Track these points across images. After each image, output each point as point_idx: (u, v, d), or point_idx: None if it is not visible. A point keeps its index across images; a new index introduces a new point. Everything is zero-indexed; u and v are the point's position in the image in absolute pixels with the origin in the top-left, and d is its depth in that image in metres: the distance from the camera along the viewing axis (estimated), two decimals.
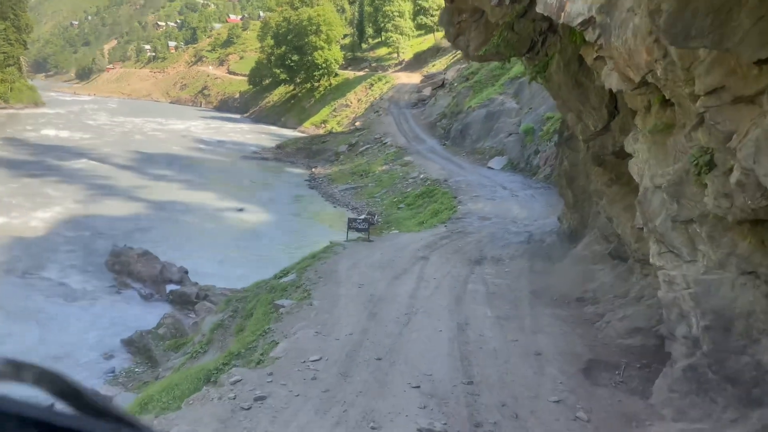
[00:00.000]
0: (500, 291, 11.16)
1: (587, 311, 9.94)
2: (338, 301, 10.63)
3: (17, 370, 0.63)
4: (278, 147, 53.16)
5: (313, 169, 42.69)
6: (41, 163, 38.98)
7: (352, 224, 18.19)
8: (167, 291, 17.48)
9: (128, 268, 18.30)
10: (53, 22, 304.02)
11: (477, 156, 35.63)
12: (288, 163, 47.00)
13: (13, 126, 60.22)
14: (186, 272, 18.19)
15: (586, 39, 7.07)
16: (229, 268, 19.49)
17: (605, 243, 10.65)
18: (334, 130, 59.94)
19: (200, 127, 78.68)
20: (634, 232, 8.79)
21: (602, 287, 10.07)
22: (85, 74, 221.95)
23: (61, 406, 0.61)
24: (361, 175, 36.84)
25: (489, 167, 32.86)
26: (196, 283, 17.29)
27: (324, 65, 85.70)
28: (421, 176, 31.56)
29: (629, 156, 8.01)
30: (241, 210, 29.48)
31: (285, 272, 13.43)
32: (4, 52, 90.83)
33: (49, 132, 57.14)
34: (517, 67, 40.31)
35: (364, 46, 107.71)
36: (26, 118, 71.62)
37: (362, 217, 21.11)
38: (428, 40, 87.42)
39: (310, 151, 48.78)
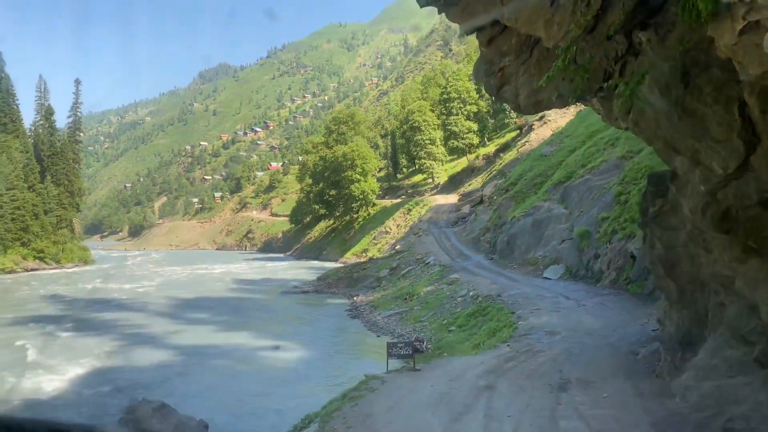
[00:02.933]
0: (608, 427, 8.01)
1: None
2: None
3: None
4: (319, 279, 51.38)
5: (355, 298, 40.32)
6: (75, 317, 37.75)
7: (392, 350, 15.47)
8: None
9: (141, 426, 15.64)
10: (109, 187, 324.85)
11: (529, 267, 32.81)
12: (329, 294, 44.86)
13: (58, 284, 60.54)
14: (206, 427, 15.38)
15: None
16: (259, 417, 16.59)
17: (744, 346, 7.65)
18: (374, 257, 58.17)
19: (242, 268, 78.46)
20: None
21: (758, 409, 6.98)
22: (136, 231, 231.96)
23: None
24: (405, 298, 34.20)
25: (545, 277, 29.90)
26: None
27: (361, 196, 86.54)
28: (471, 294, 28.74)
29: None
30: (277, 348, 26.88)
31: (307, 421, 10.60)
32: (57, 216, 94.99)
33: (91, 287, 57.10)
34: (560, 172, 38.61)
35: (399, 176, 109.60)
36: (74, 276, 72.56)
37: (405, 340, 18.25)
38: (461, 163, 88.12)
39: (351, 279, 46.71)
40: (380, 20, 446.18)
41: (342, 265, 61.34)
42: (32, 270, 79.85)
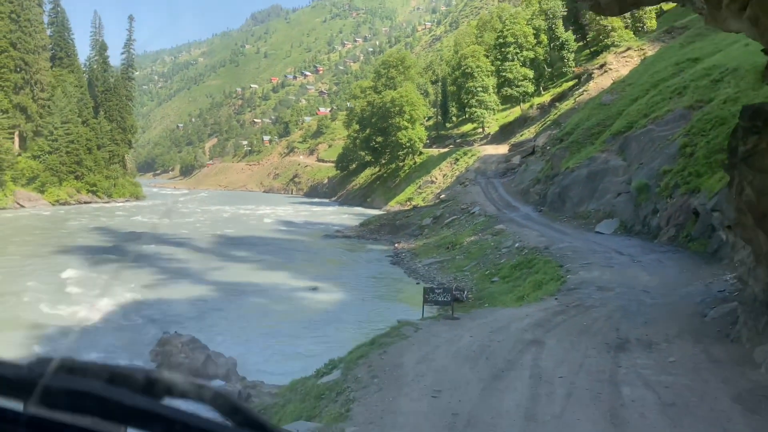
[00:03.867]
0: (682, 400, 6.73)
1: None
2: (394, 424, 6.56)
3: (199, 390, 0.78)
4: (361, 225, 50.74)
5: (396, 245, 39.53)
6: (120, 248, 38.29)
7: (429, 296, 14.19)
8: None
9: (170, 359, 15.34)
10: (162, 126, 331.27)
11: (581, 221, 31.15)
12: (371, 240, 44.21)
13: (109, 216, 61.95)
14: (235, 364, 14.94)
15: None
16: (288, 358, 16.07)
17: None
18: (418, 206, 57.06)
19: (288, 211, 78.67)
20: None
21: None
22: (188, 170, 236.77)
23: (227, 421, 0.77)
24: (448, 247, 33.15)
25: (597, 232, 28.28)
26: (244, 378, 13.93)
27: (408, 144, 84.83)
28: (516, 245, 27.44)
29: None
30: (315, 289, 26.42)
31: (330, 366, 9.72)
32: (110, 151, 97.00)
33: (140, 220, 58.12)
34: (620, 121, 36.21)
35: (448, 125, 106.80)
36: (124, 209, 74.22)
37: (444, 287, 17.15)
38: (514, 112, 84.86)
39: (394, 226, 45.86)
40: None
41: (385, 212, 60.53)
42: (85, 202, 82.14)
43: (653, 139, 30.16)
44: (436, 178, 72.98)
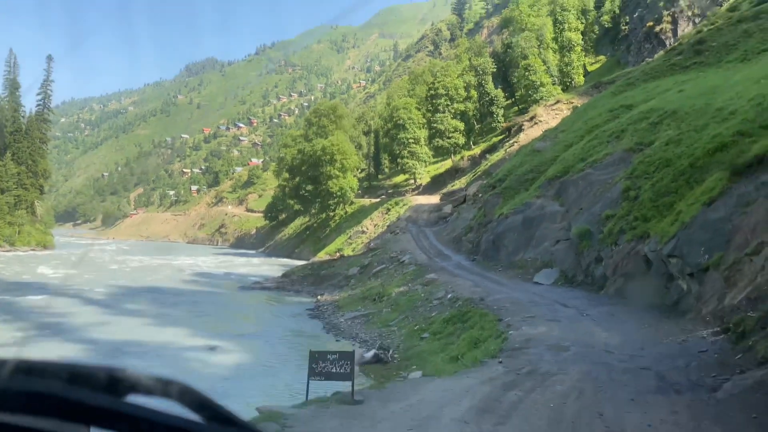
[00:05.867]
0: None
1: None
2: None
3: (165, 386, 0.75)
4: (283, 276, 46.72)
5: (319, 297, 35.79)
6: None
7: (317, 365, 9.86)
8: None
9: None
10: (86, 174, 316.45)
11: (517, 270, 28.55)
12: (292, 292, 40.25)
13: (4, 265, 55.13)
14: None
15: None
16: None
17: None
18: (345, 255, 53.64)
19: (207, 262, 73.50)
20: None
21: None
22: (110, 220, 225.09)
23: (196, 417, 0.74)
24: (374, 299, 29.73)
25: (536, 282, 25.66)
26: None
27: (339, 194, 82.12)
28: (449, 296, 24.39)
29: None
30: (212, 349, 22.25)
31: None
32: (16, 196, 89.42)
33: (37, 271, 51.80)
34: (555, 167, 34.44)
35: (380, 176, 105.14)
36: (26, 259, 67.04)
37: (340, 351, 11.54)
38: (446, 164, 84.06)
39: (318, 276, 42.13)
40: (371, 25, 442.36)
41: (310, 262, 56.76)
42: None
43: (592, 183, 28.24)
44: (368, 228, 70.18)
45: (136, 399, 0.71)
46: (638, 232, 21.40)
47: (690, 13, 61.06)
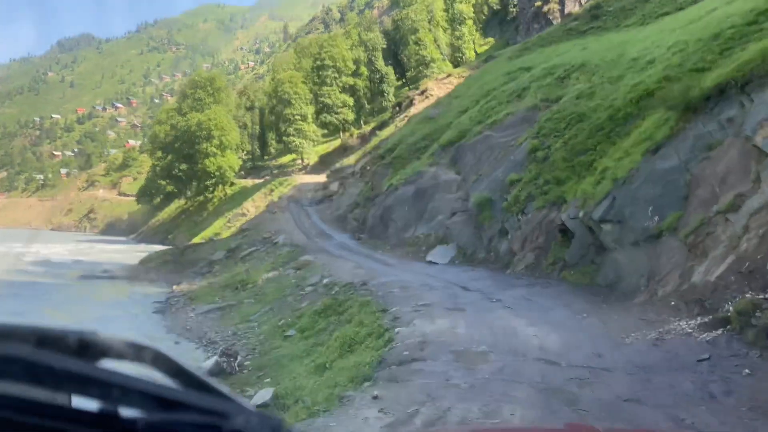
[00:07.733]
0: None
1: None
2: None
3: (138, 351, 0.72)
4: (141, 263, 39.87)
5: (175, 287, 29.70)
6: None
7: None
8: None
9: None
10: None
11: (408, 248, 24.20)
12: (146, 281, 33.64)
13: None
14: None
15: None
16: None
17: None
18: (215, 238, 47.35)
19: (63, 249, 63.71)
20: None
21: None
22: None
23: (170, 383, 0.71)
24: (237, 288, 24.24)
25: (429, 261, 21.39)
26: None
27: (217, 173, 74.78)
28: (325, 281, 19.50)
29: None
30: None
31: None
32: None
33: None
34: (450, 132, 30.47)
35: (266, 156, 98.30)
36: None
37: None
38: (334, 144, 79.16)
39: (179, 263, 35.81)
40: (261, 6, 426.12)
41: (174, 247, 49.82)
42: None
43: (492, 146, 24.37)
44: (248, 211, 63.96)
45: (108, 363, 0.69)
46: (551, 197, 17.59)
47: None
